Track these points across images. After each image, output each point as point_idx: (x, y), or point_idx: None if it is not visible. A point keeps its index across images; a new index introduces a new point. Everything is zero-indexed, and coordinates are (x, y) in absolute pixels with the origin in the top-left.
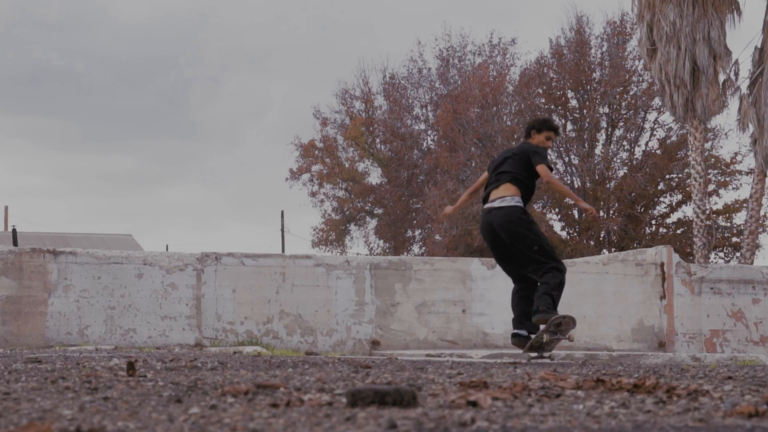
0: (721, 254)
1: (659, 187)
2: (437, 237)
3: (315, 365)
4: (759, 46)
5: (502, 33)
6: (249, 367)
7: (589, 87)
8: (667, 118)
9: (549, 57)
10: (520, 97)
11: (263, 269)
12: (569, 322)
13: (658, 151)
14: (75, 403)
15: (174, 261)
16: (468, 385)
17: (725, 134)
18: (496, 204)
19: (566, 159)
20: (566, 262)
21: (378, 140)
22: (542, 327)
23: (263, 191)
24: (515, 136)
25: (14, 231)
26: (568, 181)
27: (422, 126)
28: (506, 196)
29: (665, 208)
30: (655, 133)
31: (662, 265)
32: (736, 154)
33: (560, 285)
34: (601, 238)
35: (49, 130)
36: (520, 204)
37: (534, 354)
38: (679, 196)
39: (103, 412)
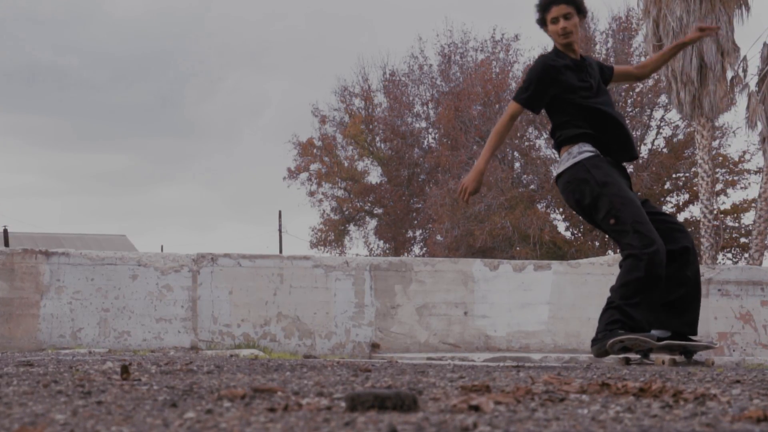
0: (729, 255)
1: (666, 187)
2: (438, 237)
3: (313, 368)
4: None
5: (505, 29)
6: (246, 370)
7: None
8: (673, 115)
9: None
10: None
11: (260, 270)
12: (636, 342)
13: (665, 150)
14: (68, 407)
15: (169, 262)
16: (470, 388)
17: (733, 132)
18: (554, 173)
19: None
20: (569, 263)
21: (378, 138)
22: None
23: (261, 191)
24: (518, 134)
25: (5, 231)
26: None
27: (423, 124)
28: (561, 158)
29: (672, 207)
30: (661, 131)
31: None
32: (744, 152)
33: (638, 284)
34: (606, 239)
35: (42, 128)
36: (579, 158)
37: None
38: (686, 196)
39: (96, 416)
